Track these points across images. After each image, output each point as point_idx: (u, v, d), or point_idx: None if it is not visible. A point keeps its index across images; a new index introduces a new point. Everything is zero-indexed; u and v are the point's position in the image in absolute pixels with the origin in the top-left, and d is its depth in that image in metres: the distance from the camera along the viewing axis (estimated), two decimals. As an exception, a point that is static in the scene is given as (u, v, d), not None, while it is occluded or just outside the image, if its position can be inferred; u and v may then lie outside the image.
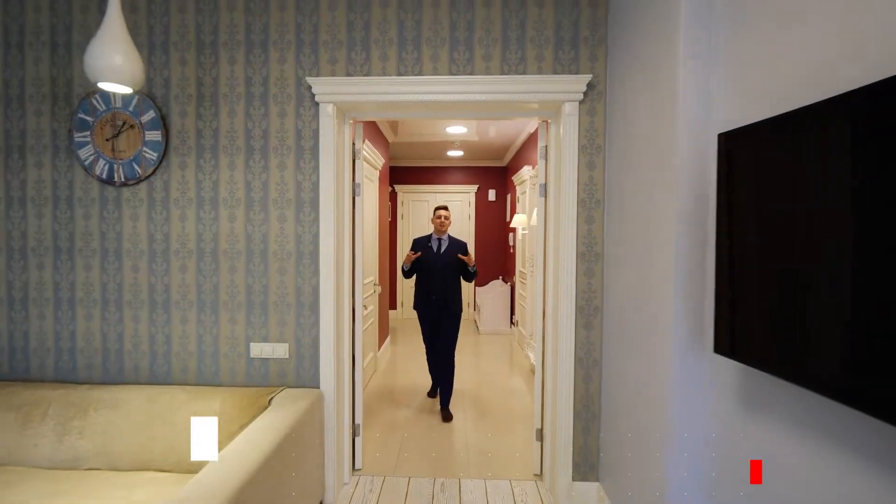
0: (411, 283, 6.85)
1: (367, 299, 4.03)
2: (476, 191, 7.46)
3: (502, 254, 7.39)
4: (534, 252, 3.89)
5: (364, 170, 3.30)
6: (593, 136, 2.31)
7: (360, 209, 2.66)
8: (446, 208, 3.70)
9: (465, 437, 3.19)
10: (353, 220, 2.62)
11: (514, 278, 6.37)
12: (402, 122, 5.01)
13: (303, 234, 2.34)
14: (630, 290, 1.98)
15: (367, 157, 3.95)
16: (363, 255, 2.87)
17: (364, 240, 3.01)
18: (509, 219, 6.81)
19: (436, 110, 2.44)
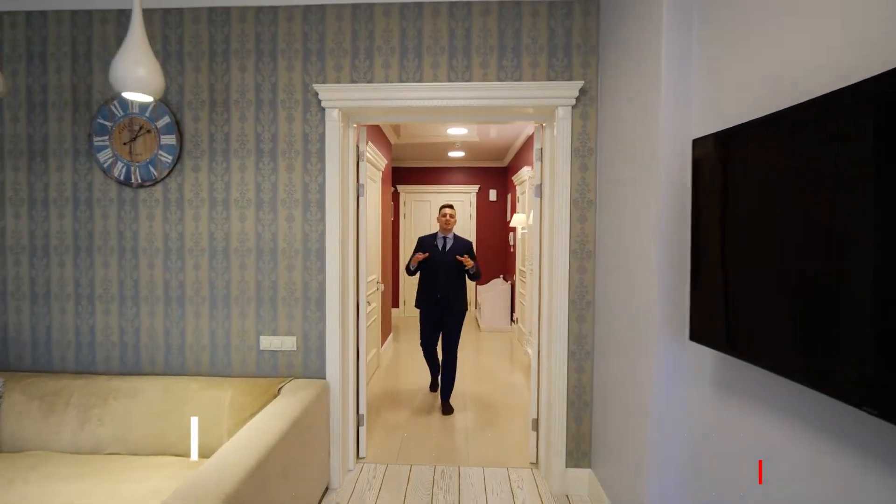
0: (414, 282, 6.99)
1: (371, 296, 4.15)
2: (477, 191, 7.58)
3: (503, 253, 7.51)
4: (532, 250, 3.99)
5: (367, 171, 3.42)
6: (586, 139, 2.42)
7: (363, 209, 2.79)
8: (451, 206, 3.70)
9: (464, 428, 3.31)
10: (356, 219, 2.75)
11: (515, 277, 6.48)
12: (405, 125, 5.13)
13: (309, 232, 2.47)
14: (619, 284, 2.10)
15: (370, 159, 4.08)
16: (366, 253, 2.99)
17: (367, 239, 3.13)
18: (509, 218, 6.92)
19: (436, 115, 2.57)
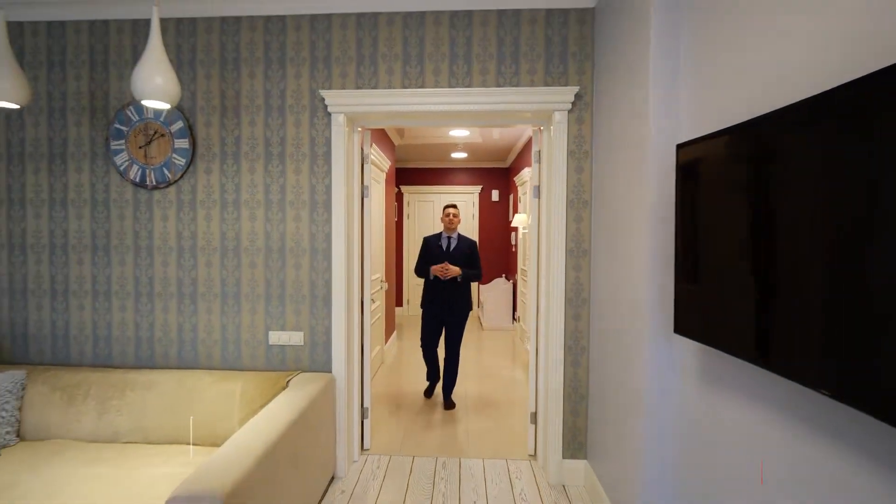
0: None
1: (375, 294, 4.26)
2: (480, 191, 7.68)
3: (505, 252, 7.60)
4: (530, 249, 4.04)
5: (371, 172, 3.53)
6: (581, 142, 2.52)
7: (367, 210, 2.89)
8: (455, 206, 3.73)
9: (466, 423, 3.40)
10: (361, 220, 2.85)
11: (517, 276, 6.57)
12: (408, 127, 5.23)
13: (316, 232, 2.58)
14: (612, 282, 2.19)
15: (374, 161, 4.18)
16: (370, 253, 3.10)
17: (371, 239, 3.24)
18: (511, 218, 7.01)
19: (437, 119, 2.67)
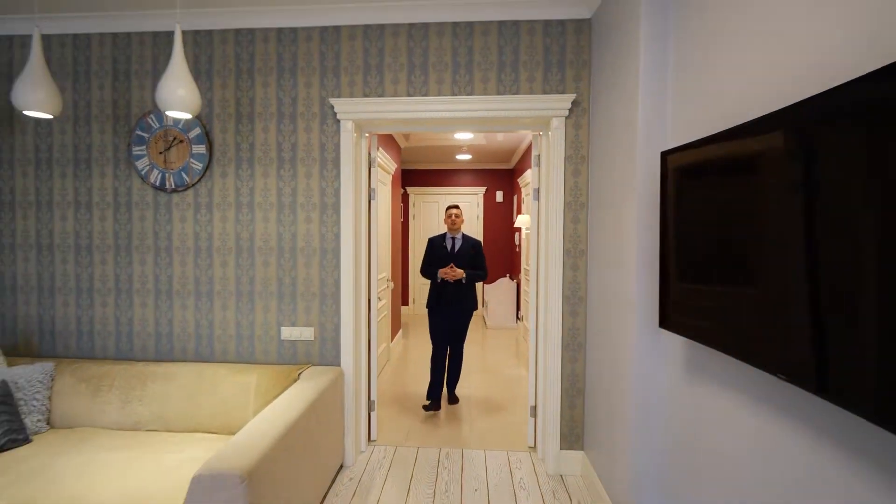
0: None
1: (381, 293, 4.39)
2: (484, 192, 7.79)
3: (509, 252, 7.71)
4: (531, 250, 4.13)
5: (378, 174, 3.66)
6: (578, 147, 2.63)
7: (374, 211, 3.02)
8: (457, 207, 3.77)
9: (469, 417, 3.53)
10: (368, 221, 2.99)
11: (520, 276, 6.68)
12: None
13: (326, 233, 2.71)
14: (606, 281, 2.30)
15: (381, 164, 4.32)
16: (377, 252, 3.23)
17: (378, 239, 3.36)
18: (515, 219, 7.12)
19: (440, 125, 2.79)
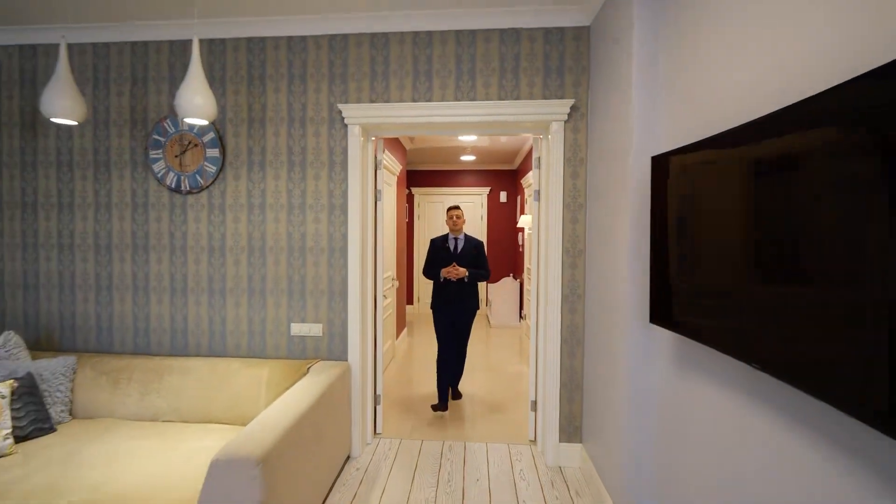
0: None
1: (387, 291, 4.50)
2: (488, 193, 7.89)
3: (512, 252, 7.80)
4: (532, 249, 4.20)
5: (384, 176, 3.77)
6: (576, 150, 2.73)
7: (380, 212, 3.13)
8: (458, 207, 3.79)
9: (471, 412, 3.63)
10: (374, 221, 3.09)
11: (524, 275, 6.77)
12: (418, 132, 5.47)
13: (334, 233, 2.82)
14: (602, 279, 2.40)
15: (386, 165, 4.43)
16: (383, 251, 3.34)
17: (384, 239, 3.47)
18: (518, 219, 7.21)
19: (444, 129, 2.90)
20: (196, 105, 2.07)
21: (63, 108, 2.13)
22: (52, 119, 2.16)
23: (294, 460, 1.97)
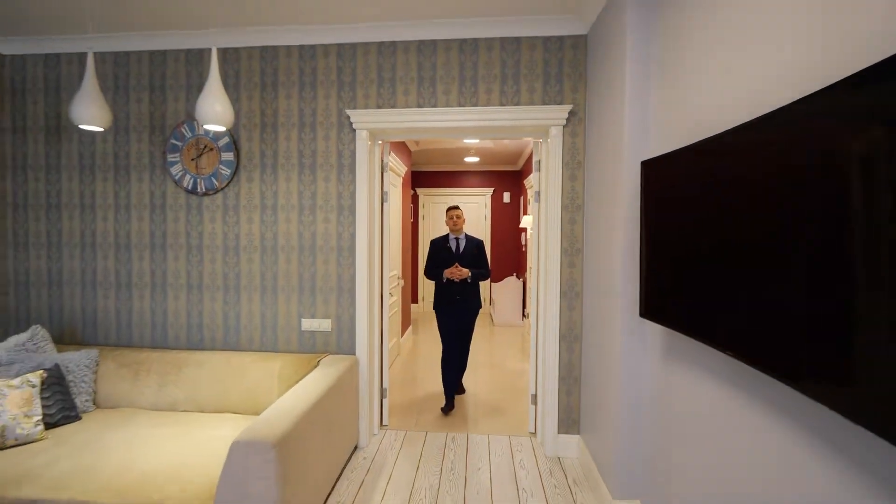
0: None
1: (392, 289, 4.64)
2: (492, 193, 8.00)
3: (516, 252, 7.91)
4: (532, 249, 4.30)
5: (390, 178, 3.89)
6: (575, 153, 2.84)
7: (387, 213, 3.26)
8: (458, 207, 3.81)
9: (474, 406, 3.75)
10: (381, 221, 3.22)
11: (526, 275, 6.89)
12: (423, 134, 5.60)
13: (342, 233, 2.96)
14: (599, 276, 2.51)
15: (392, 167, 4.56)
16: (389, 251, 3.46)
17: (390, 238, 3.60)
18: (521, 219, 7.32)
19: (448, 133, 3.02)
20: (216, 112, 2.21)
21: (90, 117, 2.27)
22: (81, 126, 2.30)
23: (306, 446, 2.10)
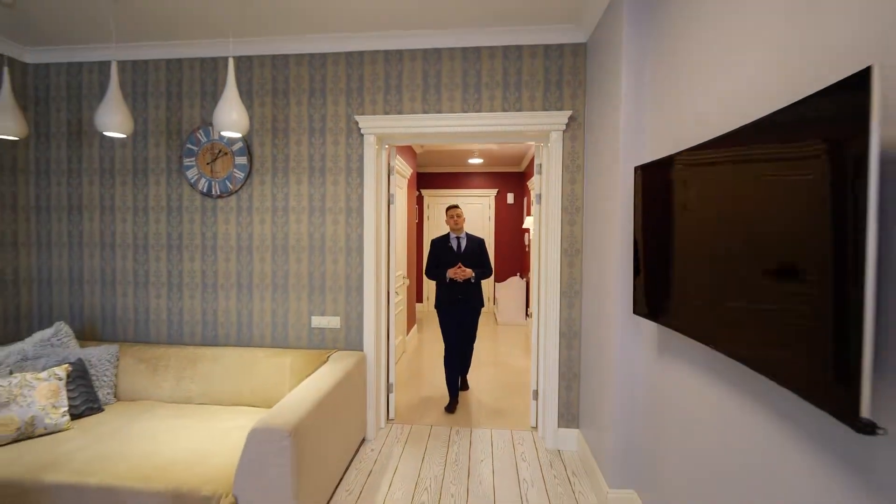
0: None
1: (398, 288, 4.76)
2: (496, 194, 8.11)
3: (519, 252, 8.02)
4: (534, 249, 4.39)
5: (395, 180, 4.01)
6: (574, 157, 2.95)
7: (393, 214, 3.38)
8: (458, 206, 3.79)
9: (478, 401, 3.86)
10: (387, 223, 3.34)
11: (530, 274, 6.99)
12: (428, 136, 5.71)
13: (350, 233, 3.08)
14: (596, 275, 2.62)
15: (398, 169, 4.68)
16: (395, 251, 3.58)
17: (396, 239, 3.71)
18: (525, 220, 7.42)
19: (452, 139, 3.14)
20: (232, 120, 2.34)
21: (115, 124, 2.40)
22: (105, 133, 2.44)
23: (318, 435, 2.22)
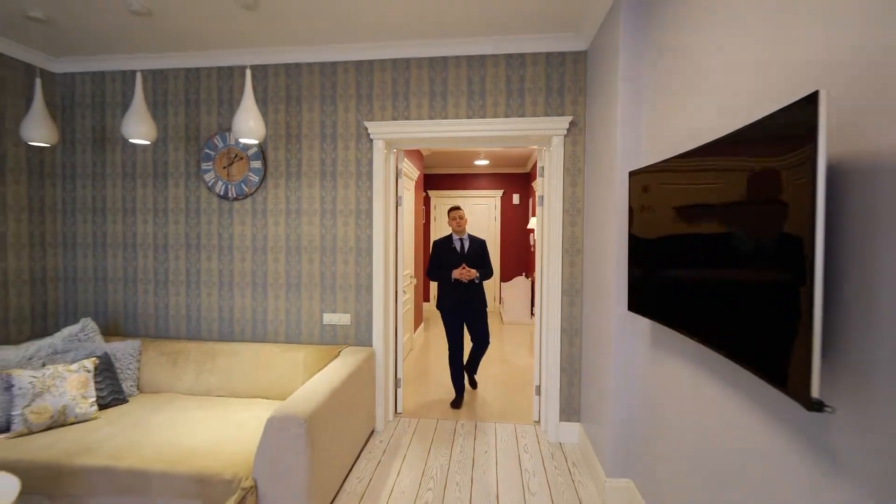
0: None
1: (406, 287, 4.89)
2: (501, 195, 8.22)
3: (524, 252, 8.12)
4: (537, 249, 4.52)
5: (403, 183, 4.15)
6: (575, 161, 3.06)
7: (401, 216, 3.51)
8: (460, 208, 3.83)
9: (483, 397, 3.98)
10: (396, 224, 3.48)
11: (535, 274, 7.09)
12: (435, 139, 5.84)
13: (360, 235, 3.21)
14: (596, 275, 2.73)
15: (405, 172, 4.81)
16: (403, 251, 3.71)
17: (403, 240, 3.84)
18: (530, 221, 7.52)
19: (458, 143, 3.26)
20: (250, 128, 2.48)
21: (140, 132, 2.56)
22: (131, 140, 2.59)
23: (330, 424, 2.36)
